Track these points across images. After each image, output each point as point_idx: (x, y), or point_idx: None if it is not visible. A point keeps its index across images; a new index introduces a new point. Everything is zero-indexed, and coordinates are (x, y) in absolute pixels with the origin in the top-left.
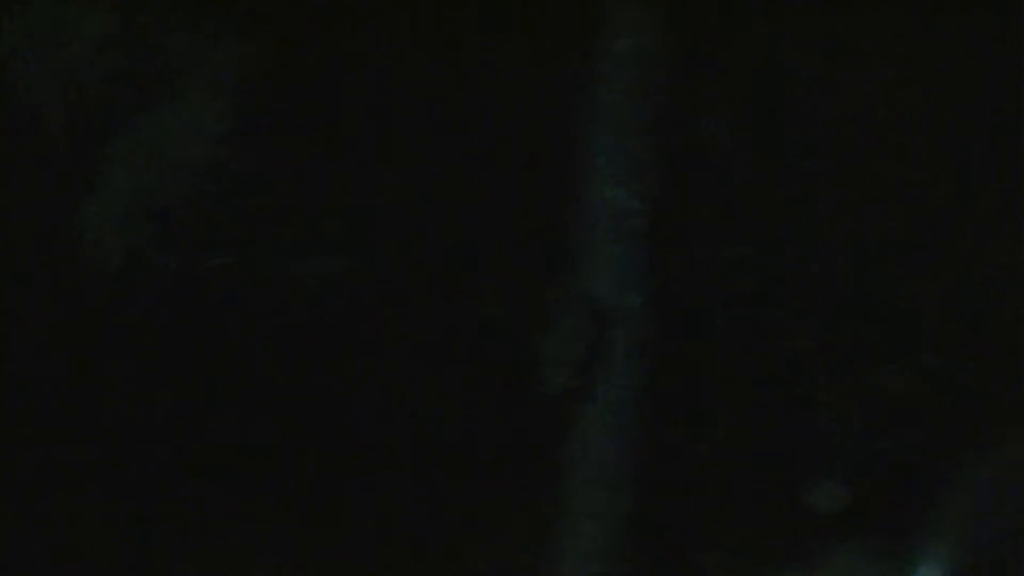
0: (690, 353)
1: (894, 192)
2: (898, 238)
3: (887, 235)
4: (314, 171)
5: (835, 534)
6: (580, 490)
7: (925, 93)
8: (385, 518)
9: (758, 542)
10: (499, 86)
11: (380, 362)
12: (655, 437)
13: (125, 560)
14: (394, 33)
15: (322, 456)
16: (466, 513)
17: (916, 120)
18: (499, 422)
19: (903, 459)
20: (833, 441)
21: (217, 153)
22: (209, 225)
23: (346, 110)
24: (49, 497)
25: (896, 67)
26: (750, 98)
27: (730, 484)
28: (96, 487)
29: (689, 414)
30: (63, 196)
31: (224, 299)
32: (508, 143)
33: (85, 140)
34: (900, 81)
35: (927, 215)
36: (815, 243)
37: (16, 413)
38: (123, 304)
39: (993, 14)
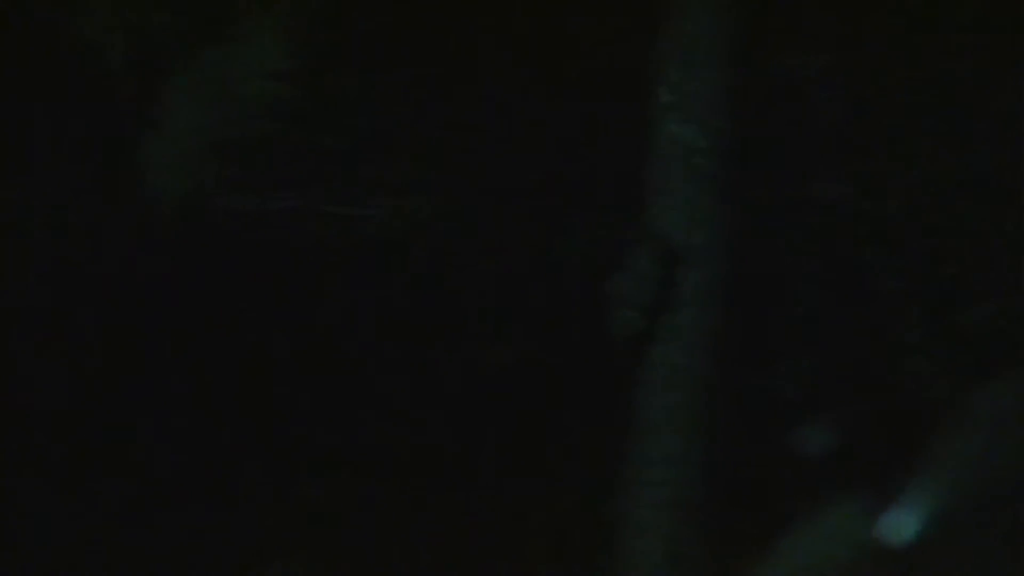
0: (763, 295)
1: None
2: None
3: (970, 178)
4: (383, 108)
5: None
6: (651, 434)
7: None
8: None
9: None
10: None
11: (451, 304)
12: (727, 380)
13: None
14: None
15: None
16: (536, 457)
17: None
18: (571, 363)
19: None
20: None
21: (283, 91)
22: (275, 165)
23: (413, 46)
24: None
25: None
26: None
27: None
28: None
29: (762, 356)
30: (124, 134)
31: (290, 242)
32: (580, 80)
33: (147, 77)
34: None
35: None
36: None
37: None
38: (186, 245)
39: None
